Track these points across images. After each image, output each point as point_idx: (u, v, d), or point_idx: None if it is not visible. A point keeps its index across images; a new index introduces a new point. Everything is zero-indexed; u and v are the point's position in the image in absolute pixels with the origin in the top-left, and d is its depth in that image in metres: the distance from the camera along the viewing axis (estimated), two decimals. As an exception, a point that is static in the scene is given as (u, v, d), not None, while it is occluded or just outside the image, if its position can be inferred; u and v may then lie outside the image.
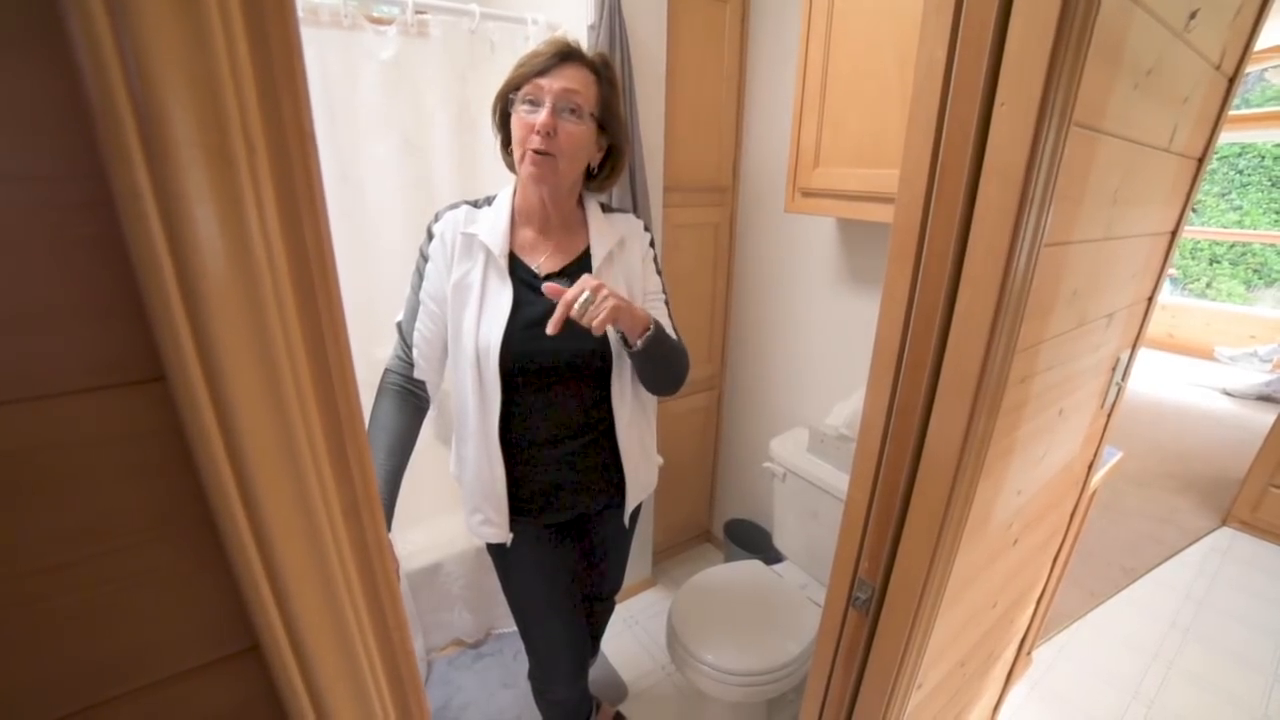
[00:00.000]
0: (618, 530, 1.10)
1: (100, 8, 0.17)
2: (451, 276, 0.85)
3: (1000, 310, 0.56)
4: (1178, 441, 3.10)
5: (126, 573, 0.23)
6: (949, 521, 0.65)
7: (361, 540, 0.28)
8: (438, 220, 0.88)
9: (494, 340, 0.83)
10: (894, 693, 0.75)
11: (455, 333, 0.87)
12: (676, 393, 0.96)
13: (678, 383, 0.94)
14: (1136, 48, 0.61)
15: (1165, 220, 0.96)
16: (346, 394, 0.26)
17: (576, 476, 0.95)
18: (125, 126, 0.17)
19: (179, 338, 0.20)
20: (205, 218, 0.19)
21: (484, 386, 0.86)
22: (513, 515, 0.94)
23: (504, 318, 0.84)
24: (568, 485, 0.95)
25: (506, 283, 0.85)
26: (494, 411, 0.87)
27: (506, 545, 0.97)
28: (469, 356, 0.85)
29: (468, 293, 0.85)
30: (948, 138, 0.57)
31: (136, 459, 0.22)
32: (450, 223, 0.87)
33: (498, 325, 0.84)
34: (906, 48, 1.00)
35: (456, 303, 0.85)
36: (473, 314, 0.85)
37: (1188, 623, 1.80)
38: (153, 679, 0.24)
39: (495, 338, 0.83)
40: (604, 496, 1.00)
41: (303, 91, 0.21)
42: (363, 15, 1.17)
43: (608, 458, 0.96)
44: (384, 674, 0.31)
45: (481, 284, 0.85)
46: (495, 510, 0.93)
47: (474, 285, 0.85)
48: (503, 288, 0.85)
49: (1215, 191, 5.42)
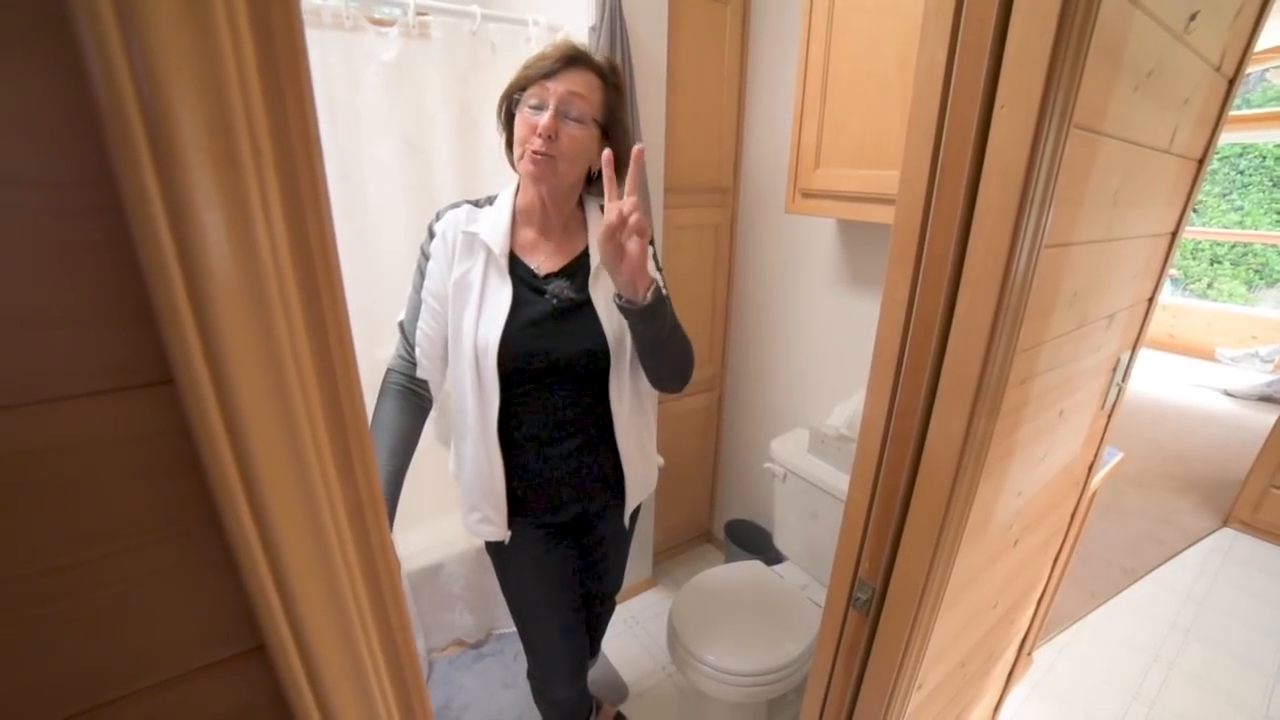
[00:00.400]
0: (617, 530, 1.10)
1: (109, 12, 0.17)
2: (452, 275, 0.86)
3: (1000, 312, 0.56)
4: (1178, 442, 3.10)
5: (134, 573, 0.23)
6: (949, 522, 0.65)
7: (366, 541, 0.28)
8: (439, 219, 0.89)
9: (492, 339, 0.84)
10: (894, 693, 0.75)
11: (455, 331, 0.87)
12: (682, 389, 0.94)
13: (682, 374, 0.92)
14: (1136, 50, 0.61)
15: (1166, 221, 0.96)
16: (351, 395, 0.26)
17: (576, 476, 0.95)
18: (134, 130, 0.17)
19: (186, 340, 0.20)
20: (212, 221, 0.19)
21: (482, 385, 0.86)
22: (511, 514, 0.95)
23: (503, 316, 0.84)
24: (567, 484, 0.95)
25: (506, 282, 0.85)
26: (493, 410, 0.87)
27: (504, 544, 0.97)
28: (468, 355, 0.85)
29: (468, 291, 0.85)
30: (948, 139, 0.57)
31: (144, 460, 0.22)
32: (452, 221, 0.87)
33: (496, 324, 0.84)
34: (907, 49, 1.00)
35: (456, 301, 0.86)
36: (472, 312, 0.85)
37: (1189, 623, 1.80)
38: (160, 678, 0.25)
39: (494, 336, 0.84)
40: (603, 496, 1.00)
41: (308, 95, 0.21)
42: (364, 17, 1.17)
43: (607, 458, 0.96)
44: (388, 674, 0.31)
45: (481, 282, 0.85)
46: (493, 509, 0.93)
47: (474, 284, 0.85)
48: (502, 286, 0.85)
49: (1216, 192, 5.42)
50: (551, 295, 0.87)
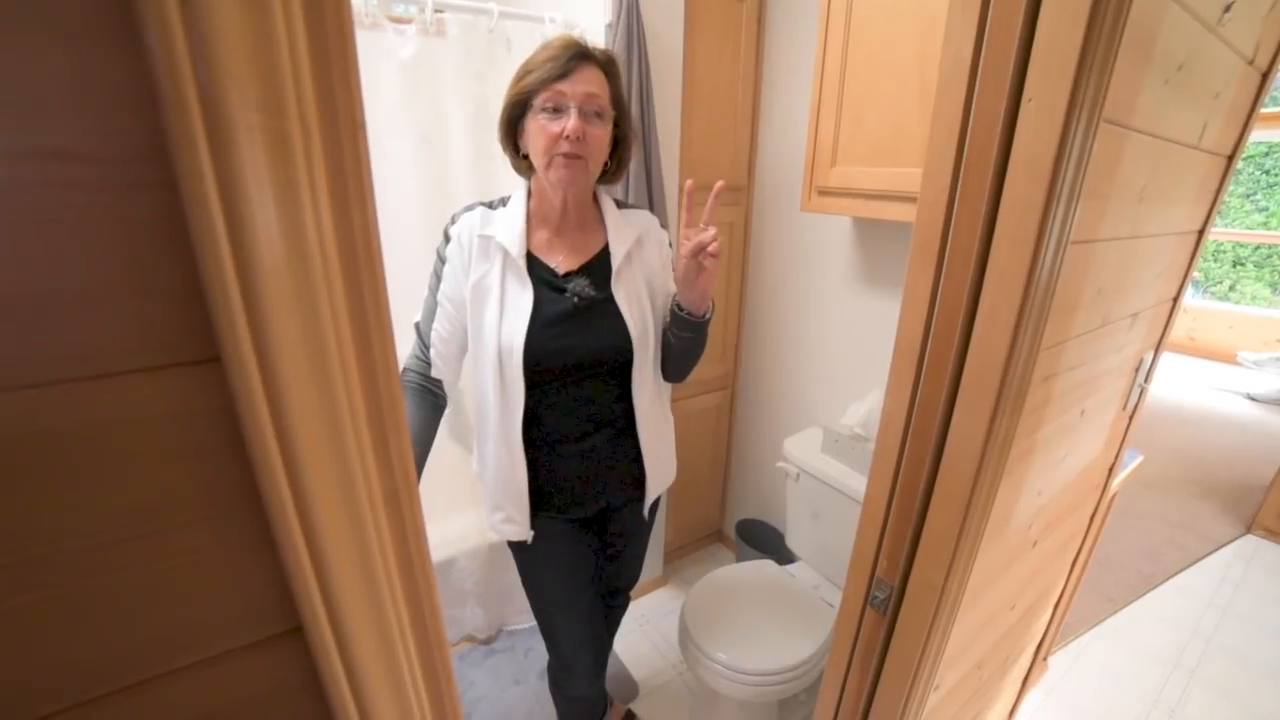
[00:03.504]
0: (637, 524, 1.11)
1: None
2: (470, 278, 0.86)
3: (1025, 308, 0.56)
4: (1200, 447, 3.04)
5: (178, 550, 0.24)
6: (970, 521, 0.64)
7: (400, 527, 0.29)
8: (454, 223, 0.89)
9: (517, 340, 0.84)
10: (911, 694, 0.74)
11: (476, 334, 0.87)
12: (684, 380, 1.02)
13: (693, 369, 1.00)
14: (1168, 42, 0.60)
15: (1193, 219, 0.94)
16: (389, 382, 0.26)
17: (599, 470, 0.96)
18: (190, 108, 0.18)
19: (235, 318, 0.20)
20: (262, 200, 0.20)
21: (507, 386, 0.87)
22: (535, 510, 0.95)
23: (526, 318, 0.85)
24: (591, 480, 0.96)
25: (526, 283, 0.86)
26: (517, 410, 0.88)
27: (528, 542, 0.98)
28: (491, 357, 0.86)
29: (487, 294, 0.86)
30: (973, 133, 0.56)
31: (189, 438, 0.23)
32: (466, 225, 0.88)
33: (520, 325, 0.85)
34: (926, 45, 0.99)
35: (476, 304, 0.86)
36: (493, 315, 0.85)
37: (1210, 631, 1.77)
38: (203, 656, 0.25)
39: (518, 338, 0.84)
40: (626, 489, 1.01)
41: (355, 81, 0.22)
42: (383, 14, 1.19)
43: (629, 451, 0.98)
44: (418, 659, 0.32)
45: (500, 285, 0.86)
46: (516, 508, 0.94)
47: (493, 287, 0.86)
48: (523, 288, 0.86)
49: (1240, 192, 5.31)
50: (573, 293, 0.87)
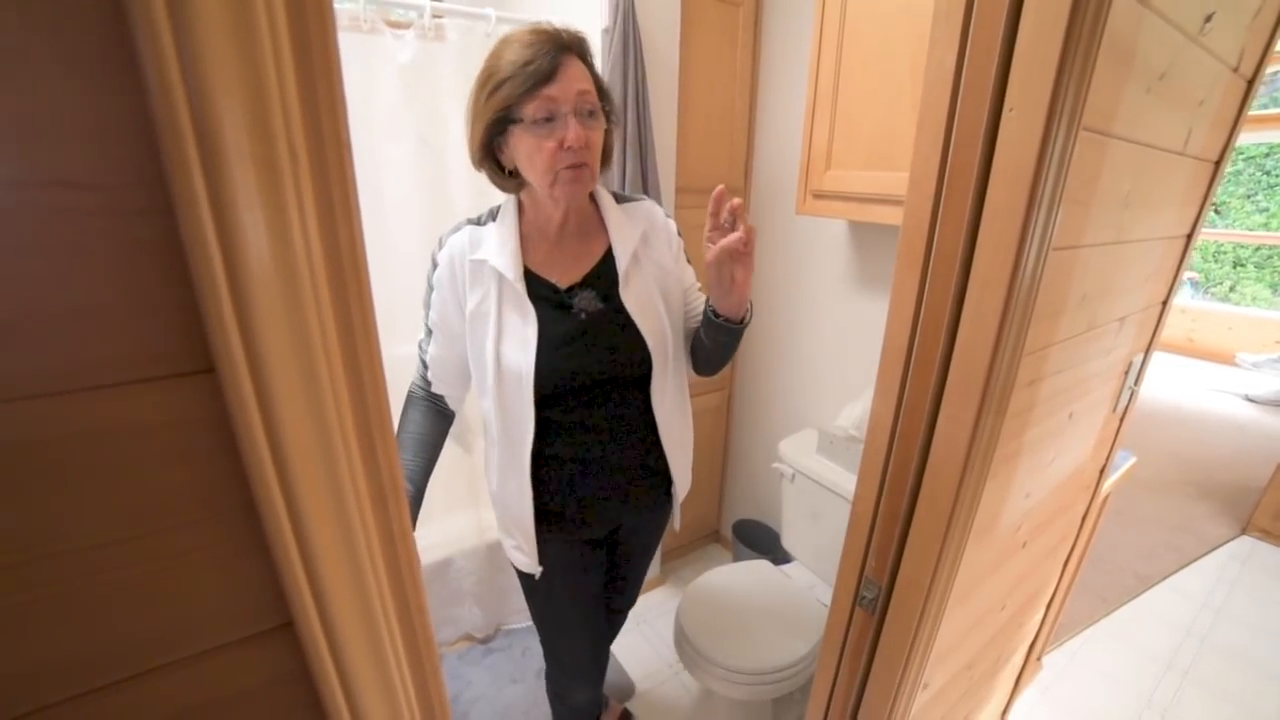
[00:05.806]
0: (648, 538, 1.08)
1: (166, 28, 0.18)
2: (467, 305, 0.81)
3: (1008, 312, 0.57)
4: (1198, 448, 3.05)
5: (174, 551, 0.25)
6: (955, 522, 0.65)
7: (388, 528, 0.30)
8: (442, 247, 0.83)
9: (525, 369, 0.79)
10: (899, 692, 0.75)
11: (478, 360, 0.82)
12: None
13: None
14: (1148, 52, 0.61)
15: (1181, 223, 0.95)
16: (375, 389, 0.28)
17: (618, 486, 0.91)
18: (185, 137, 0.19)
19: (228, 331, 0.21)
20: (253, 222, 0.21)
21: (509, 414, 0.82)
22: (546, 532, 0.91)
23: (532, 345, 0.79)
24: (610, 496, 0.92)
25: (527, 307, 0.80)
26: (526, 440, 0.83)
27: (535, 577, 0.95)
28: (493, 386, 0.81)
29: (485, 321, 0.80)
30: (957, 141, 0.57)
31: (185, 445, 0.24)
32: (456, 248, 0.82)
33: (528, 351, 0.79)
34: (919, 51, 1.00)
35: (476, 332, 0.81)
36: (494, 343, 0.80)
37: (1205, 631, 1.78)
38: (198, 649, 0.26)
39: (527, 364, 0.79)
40: (647, 499, 0.96)
41: (340, 104, 0.23)
42: (381, 19, 1.20)
43: (652, 462, 0.93)
44: (405, 655, 0.33)
45: (498, 311, 0.80)
46: (524, 539, 0.90)
47: (490, 313, 0.80)
48: (524, 313, 0.80)
49: (1241, 193, 5.30)
50: (579, 309, 0.82)
